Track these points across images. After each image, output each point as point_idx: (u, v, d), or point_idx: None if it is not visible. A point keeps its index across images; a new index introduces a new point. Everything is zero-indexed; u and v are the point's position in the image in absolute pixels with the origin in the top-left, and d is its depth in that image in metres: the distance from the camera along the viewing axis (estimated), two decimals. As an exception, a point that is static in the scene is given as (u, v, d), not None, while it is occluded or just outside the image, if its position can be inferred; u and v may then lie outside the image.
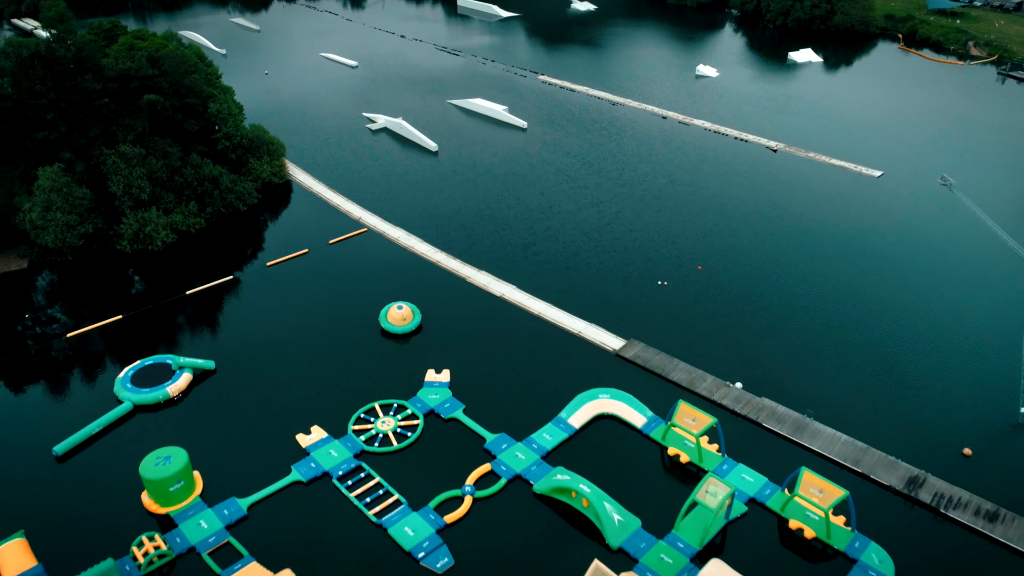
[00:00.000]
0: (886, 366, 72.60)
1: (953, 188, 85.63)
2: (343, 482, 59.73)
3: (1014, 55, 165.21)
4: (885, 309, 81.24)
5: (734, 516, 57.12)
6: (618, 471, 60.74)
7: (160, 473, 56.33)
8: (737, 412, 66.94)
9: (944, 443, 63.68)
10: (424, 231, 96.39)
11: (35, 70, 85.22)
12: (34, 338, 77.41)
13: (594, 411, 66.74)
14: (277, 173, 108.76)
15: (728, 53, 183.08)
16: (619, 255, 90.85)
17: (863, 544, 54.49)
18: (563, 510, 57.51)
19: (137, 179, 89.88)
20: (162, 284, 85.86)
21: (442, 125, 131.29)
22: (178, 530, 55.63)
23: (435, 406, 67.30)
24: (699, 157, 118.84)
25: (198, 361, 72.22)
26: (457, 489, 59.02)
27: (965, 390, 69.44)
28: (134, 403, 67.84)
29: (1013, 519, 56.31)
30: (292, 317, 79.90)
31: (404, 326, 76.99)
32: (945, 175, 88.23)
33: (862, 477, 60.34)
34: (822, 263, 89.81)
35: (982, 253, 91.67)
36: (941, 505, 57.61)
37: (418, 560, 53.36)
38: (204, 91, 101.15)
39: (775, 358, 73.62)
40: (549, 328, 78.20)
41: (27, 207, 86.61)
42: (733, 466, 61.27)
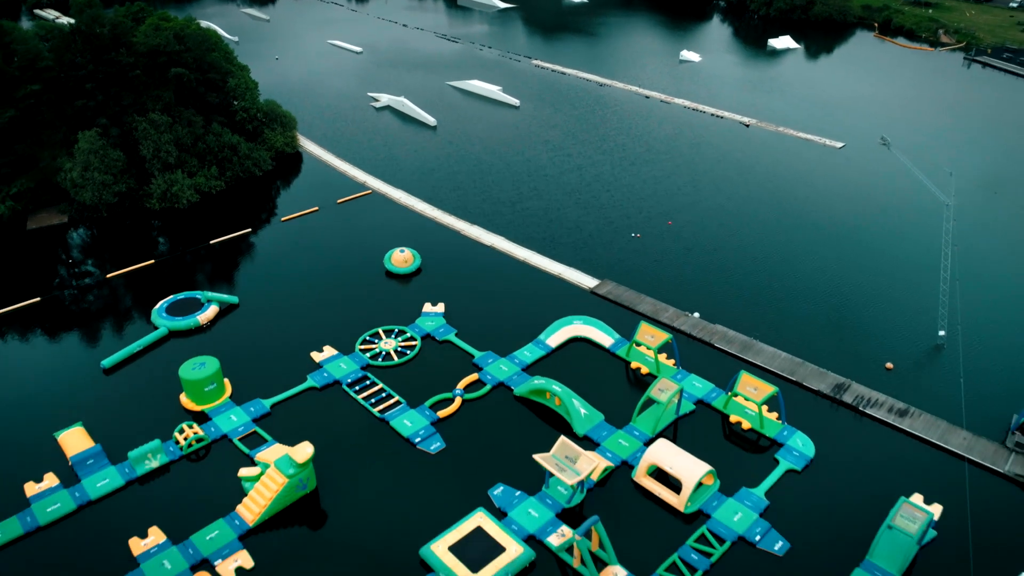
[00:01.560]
0: (825, 297, 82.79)
1: (891, 146, 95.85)
2: (351, 387, 69.88)
3: (981, 42, 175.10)
4: (829, 250, 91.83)
5: (683, 412, 67.17)
6: (587, 380, 70.65)
7: (196, 375, 66.48)
8: (693, 336, 77.03)
9: (870, 358, 73.69)
10: (423, 192, 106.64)
11: (76, 44, 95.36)
12: (77, 278, 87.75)
13: (569, 334, 76.88)
14: (289, 143, 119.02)
15: (712, 41, 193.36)
16: (597, 211, 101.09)
17: (790, 432, 64.55)
18: (538, 409, 67.57)
19: (165, 144, 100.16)
20: (188, 236, 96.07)
21: (441, 103, 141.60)
22: (212, 422, 65.78)
23: (431, 330, 77.49)
24: (676, 131, 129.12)
25: (224, 296, 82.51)
26: (448, 392, 69.15)
27: (892, 316, 79.56)
28: (169, 329, 78.05)
29: (920, 414, 66.32)
30: (305, 261, 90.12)
31: (406, 267, 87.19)
32: (884, 136, 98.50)
33: (796, 384, 70.35)
34: (779, 216, 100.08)
35: (911, 199, 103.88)
36: (861, 405, 67.63)
37: (415, 444, 63.47)
38: (224, 67, 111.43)
39: (731, 294, 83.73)
40: (532, 271, 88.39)
41: (68, 167, 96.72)
42: (686, 376, 71.34)
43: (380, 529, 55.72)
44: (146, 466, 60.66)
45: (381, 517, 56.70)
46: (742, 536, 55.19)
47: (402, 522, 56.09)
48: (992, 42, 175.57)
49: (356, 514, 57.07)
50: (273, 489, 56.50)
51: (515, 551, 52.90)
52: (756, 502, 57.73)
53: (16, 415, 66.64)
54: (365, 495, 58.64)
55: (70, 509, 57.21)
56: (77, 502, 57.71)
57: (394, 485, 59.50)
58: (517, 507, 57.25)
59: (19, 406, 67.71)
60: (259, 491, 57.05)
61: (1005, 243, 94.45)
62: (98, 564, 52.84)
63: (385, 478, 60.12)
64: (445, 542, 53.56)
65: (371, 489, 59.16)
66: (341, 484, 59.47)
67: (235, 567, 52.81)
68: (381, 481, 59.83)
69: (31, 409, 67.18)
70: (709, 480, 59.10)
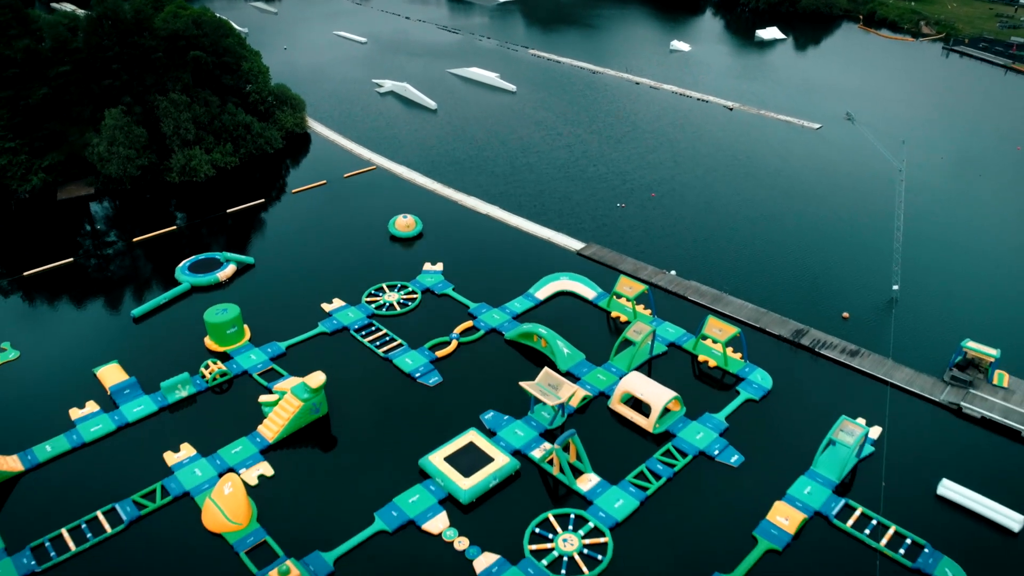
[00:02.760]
0: (791, 256, 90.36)
1: (855, 121, 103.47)
2: (358, 332, 77.53)
3: (960, 33, 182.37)
4: (796, 215, 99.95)
5: (657, 353, 74.75)
6: (571, 327, 78.14)
7: (219, 319, 74.10)
8: (669, 290, 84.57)
9: (829, 308, 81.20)
10: (424, 167, 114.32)
11: (103, 28, 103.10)
12: (106, 242, 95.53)
13: (555, 288, 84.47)
14: (299, 124, 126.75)
15: (702, 32, 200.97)
16: (584, 183, 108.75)
17: (751, 369, 72.05)
18: (526, 351, 75.16)
19: (184, 122, 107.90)
20: (206, 206, 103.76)
21: (441, 88, 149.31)
22: (233, 360, 73.47)
23: (430, 285, 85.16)
24: (661, 112, 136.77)
25: (241, 256, 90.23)
26: (446, 336, 76.78)
27: (851, 271, 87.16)
28: (191, 284, 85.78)
29: (870, 355, 73.78)
30: (315, 227, 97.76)
31: (408, 232, 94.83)
32: (849, 111, 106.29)
33: (759, 330, 77.86)
34: (752, 186, 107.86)
35: (871, 167, 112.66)
36: (817, 346, 75.15)
37: (415, 378, 71.14)
38: (237, 52, 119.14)
39: (706, 255, 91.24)
40: (524, 236, 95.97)
41: (95, 142, 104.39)
42: (660, 323, 78.88)
43: (383, 445, 63.31)
44: (176, 395, 68.30)
45: (384, 436, 64.30)
46: (703, 451, 62.73)
47: (403, 440, 63.61)
48: (970, 33, 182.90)
49: (362, 434, 64.67)
50: (290, 411, 64.11)
51: (502, 461, 60.44)
52: (717, 424, 65.28)
53: (57, 355, 74.40)
54: (370, 419, 66.23)
55: (110, 429, 64.84)
56: (116, 424, 65.34)
57: (396, 411, 67.08)
58: (505, 428, 64.84)
59: (59, 348, 75.48)
60: (277, 413, 64.68)
61: (950, 203, 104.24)
62: (137, 472, 60.41)
63: (388, 405, 67.72)
64: (441, 454, 61.12)
65: (375, 414, 66.77)
66: (349, 410, 67.09)
67: (257, 475, 60.46)
68: (385, 407, 67.44)
69: (70, 350, 74.93)
70: (676, 406, 66.63)
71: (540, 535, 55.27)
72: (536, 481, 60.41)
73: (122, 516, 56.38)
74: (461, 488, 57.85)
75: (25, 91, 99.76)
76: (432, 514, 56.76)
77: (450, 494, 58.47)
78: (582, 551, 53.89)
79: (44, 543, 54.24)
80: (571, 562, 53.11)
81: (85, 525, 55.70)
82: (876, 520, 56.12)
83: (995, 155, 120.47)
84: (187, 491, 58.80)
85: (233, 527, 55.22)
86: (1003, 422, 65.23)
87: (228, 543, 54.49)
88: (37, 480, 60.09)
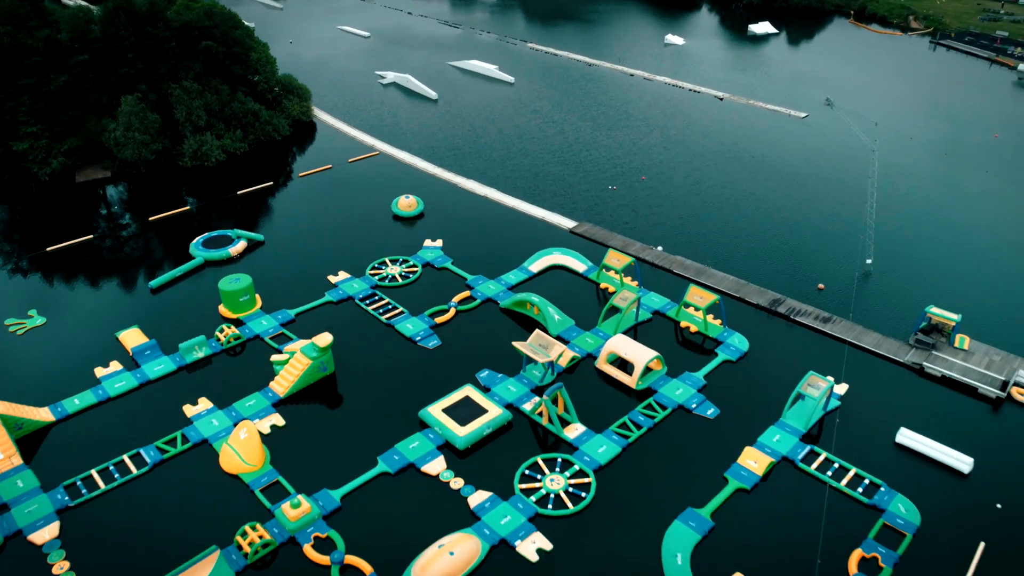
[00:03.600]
0: (772, 233, 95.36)
1: (834, 106, 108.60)
2: (363, 301, 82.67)
3: (947, 27, 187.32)
4: (778, 194, 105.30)
5: (642, 320, 79.83)
6: (562, 297, 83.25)
7: (233, 287, 79.26)
8: (655, 264, 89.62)
9: (805, 280, 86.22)
10: (425, 153, 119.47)
11: (120, 18, 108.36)
12: (123, 221, 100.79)
13: (548, 262, 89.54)
14: (305, 112, 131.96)
15: (697, 27, 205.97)
16: (578, 167, 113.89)
17: (730, 333, 77.15)
18: (520, 318, 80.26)
19: (196, 109, 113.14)
20: (217, 188, 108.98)
21: (442, 79, 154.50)
22: (246, 326, 78.66)
23: (430, 259, 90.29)
24: (653, 102, 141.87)
25: (251, 233, 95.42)
26: (444, 305, 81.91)
27: (828, 246, 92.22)
28: (205, 259, 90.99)
29: (841, 321, 78.81)
30: (321, 207, 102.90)
31: (410, 211, 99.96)
32: (828, 97, 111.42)
33: (739, 300, 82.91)
34: (738, 168, 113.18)
35: (849, 150, 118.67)
36: (792, 314, 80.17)
37: (416, 341, 76.27)
38: (247, 43, 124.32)
39: (691, 233, 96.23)
40: (519, 215, 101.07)
41: (111, 127, 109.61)
42: (646, 292, 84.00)
43: (386, 399, 68.44)
44: (194, 355, 73.49)
45: (387, 391, 69.43)
46: (681, 405, 67.83)
47: (404, 395, 68.70)
48: (957, 27, 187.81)
49: (366, 390, 69.80)
50: (299, 369, 69.29)
51: (496, 412, 65.54)
52: (695, 382, 70.35)
53: (80, 321, 79.65)
54: (374, 377, 71.35)
55: (133, 386, 70.03)
56: (139, 380, 70.52)
57: (398, 370, 72.22)
58: (499, 385, 69.98)
59: (82, 315, 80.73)
60: (288, 371, 69.87)
61: (920, 182, 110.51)
62: (158, 422, 65.60)
63: (390, 365, 72.87)
64: (439, 406, 66.24)
65: (379, 373, 71.92)
66: (354, 370, 72.20)
67: (270, 424, 65.66)
68: (387, 367, 72.60)
69: (93, 317, 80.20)
70: (657, 365, 71.69)
71: (529, 476, 60.39)
72: (527, 431, 65.54)
73: (146, 459, 61.56)
74: (457, 435, 62.98)
75: (46, 79, 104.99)
76: (431, 458, 61.90)
77: (447, 441, 63.56)
78: (567, 489, 58.99)
79: (76, 482, 59.45)
80: (557, 498, 58.21)
81: (113, 467, 60.90)
82: (838, 464, 61.20)
83: (972, 141, 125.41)
84: (205, 438, 63.99)
85: (248, 468, 60.38)
86: (961, 379, 70.27)
87: (244, 483, 59.61)
88: (67, 429, 65.33)
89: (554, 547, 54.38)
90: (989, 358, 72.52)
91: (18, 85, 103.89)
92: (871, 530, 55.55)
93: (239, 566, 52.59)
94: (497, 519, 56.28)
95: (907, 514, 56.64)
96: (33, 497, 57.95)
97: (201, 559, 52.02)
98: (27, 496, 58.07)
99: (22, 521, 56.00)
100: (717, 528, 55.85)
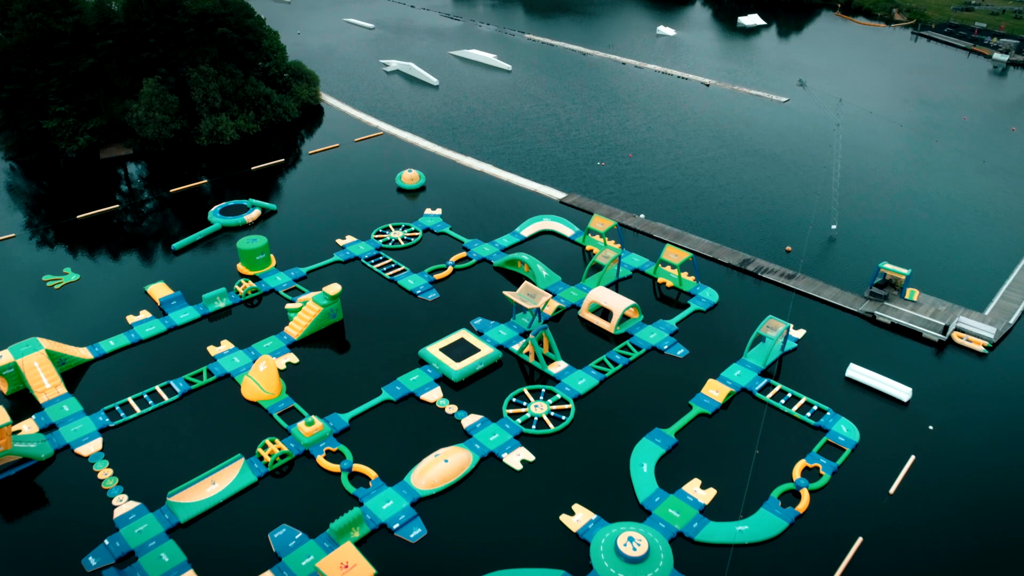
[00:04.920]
0: (745, 201, 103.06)
1: (806, 87, 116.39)
2: (368, 261, 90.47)
3: (929, 19, 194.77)
4: (754, 167, 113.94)
5: (623, 276, 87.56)
6: (550, 258, 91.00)
7: (250, 246, 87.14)
8: (638, 230, 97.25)
9: (775, 243, 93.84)
10: (426, 133, 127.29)
11: (142, 6, 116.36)
12: (146, 193, 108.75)
13: (539, 228, 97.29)
14: (313, 96, 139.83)
15: (689, 19, 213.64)
16: (569, 144, 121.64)
17: (702, 288, 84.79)
18: (512, 276, 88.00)
19: (212, 91, 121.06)
20: (232, 165, 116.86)
21: (443, 67, 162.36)
22: (262, 281, 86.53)
23: (430, 225, 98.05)
24: (642, 87, 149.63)
25: (265, 203, 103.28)
26: (442, 263, 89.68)
27: (796, 213, 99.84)
28: (223, 225, 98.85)
29: (804, 277, 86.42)
30: (330, 181, 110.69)
31: (413, 184, 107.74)
32: (801, 79, 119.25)
33: (712, 259, 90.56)
34: (717, 146, 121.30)
35: (815, 122, 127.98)
36: (760, 271, 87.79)
37: (416, 295, 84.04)
38: (259, 30, 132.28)
39: (672, 202, 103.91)
40: (513, 187, 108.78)
41: (134, 108, 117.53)
42: (627, 253, 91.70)
43: (389, 342, 76.20)
44: (216, 305, 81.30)
45: (390, 336, 77.14)
46: (654, 347, 75.54)
47: (405, 338, 76.43)
48: (938, 19, 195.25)
49: (371, 335, 77.54)
50: (311, 315, 77.06)
51: (487, 351, 73.32)
52: (668, 328, 78.01)
53: (112, 277, 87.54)
54: (378, 325, 79.07)
55: (161, 330, 77.84)
56: (166, 326, 78.39)
57: (400, 318, 79.97)
58: (491, 329, 77.73)
59: (113, 273, 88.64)
60: (301, 317, 77.66)
61: (881, 154, 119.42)
62: (185, 360, 73.35)
63: (393, 314, 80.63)
64: (437, 346, 73.98)
65: (382, 320, 79.67)
66: (360, 318, 79.97)
67: (285, 362, 73.47)
68: (390, 315, 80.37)
69: (122, 273, 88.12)
70: (634, 313, 79.34)
71: (516, 403, 68.14)
72: (515, 368, 73.27)
73: (176, 389, 69.40)
74: (453, 369, 70.74)
75: (74, 62, 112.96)
76: (428, 389, 69.67)
77: (444, 375, 71.31)
78: (549, 413, 66.73)
79: (115, 407, 67.30)
80: (540, 421, 65.94)
81: (147, 395, 68.74)
82: (791, 394, 68.84)
83: (942, 122, 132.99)
84: (228, 373, 71.79)
85: (267, 396, 68.18)
86: (908, 326, 77.86)
87: (263, 408, 67.41)
88: (104, 365, 73.20)
89: (536, 459, 62.06)
90: (935, 307, 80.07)
91: (48, 67, 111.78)
92: (815, 446, 63.18)
93: (260, 472, 60.34)
94: (487, 436, 64.03)
95: (848, 433, 64.27)
96: (78, 419, 65.82)
97: (228, 465, 59.90)
98: (72, 418, 65.95)
99: (69, 437, 63.88)
100: (680, 445, 63.52)
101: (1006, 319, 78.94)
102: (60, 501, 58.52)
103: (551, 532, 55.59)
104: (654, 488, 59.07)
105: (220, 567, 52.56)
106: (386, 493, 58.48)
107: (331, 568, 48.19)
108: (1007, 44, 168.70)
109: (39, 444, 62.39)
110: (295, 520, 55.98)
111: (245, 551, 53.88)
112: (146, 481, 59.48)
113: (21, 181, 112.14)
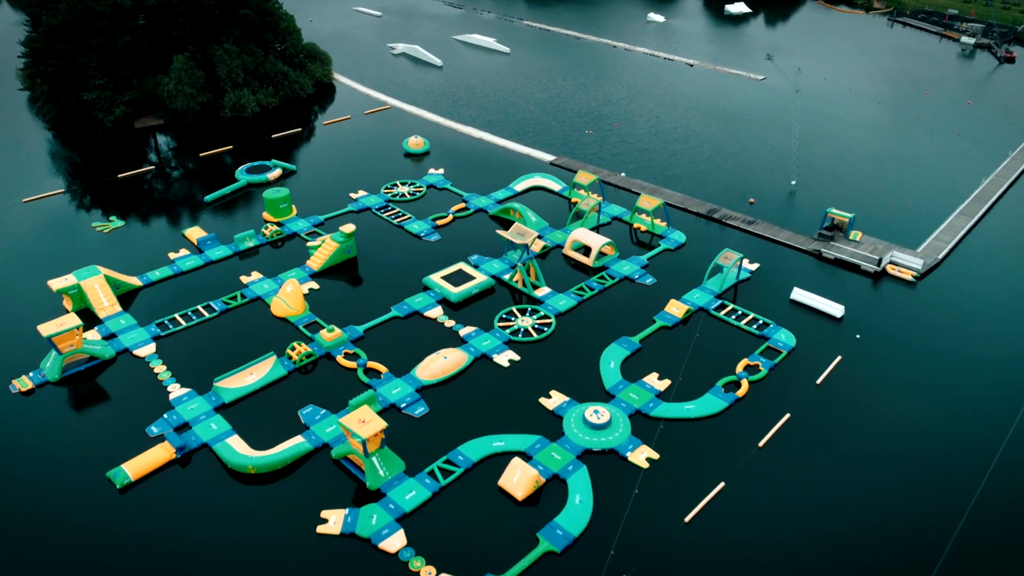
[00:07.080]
0: (715, 161, 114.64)
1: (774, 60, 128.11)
2: (378, 211, 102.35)
3: (906, 6, 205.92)
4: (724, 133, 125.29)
5: (603, 223, 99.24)
6: (540, 207, 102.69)
7: (275, 195, 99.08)
8: (618, 186, 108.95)
9: (739, 196, 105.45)
10: (429, 106, 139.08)
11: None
12: (178, 157, 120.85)
13: (530, 184, 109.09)
14: (326, 75, 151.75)
15: (678, 7, 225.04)
16: (559, 115, 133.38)
17: (672, 231, 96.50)
18: (505, 223, 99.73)
19: (235, 68, 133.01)
20: (254, 134, 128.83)
21: (446, 50, 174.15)
22: (285, 226, 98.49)
23: (433, 182, 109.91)
24: (628, 66, 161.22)
25: (285, 164, 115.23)
26: (443, 212, 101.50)
27: (756, 170, 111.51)
28: (248, 182, 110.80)
29: (763, 223, 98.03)
30: (343, 146, 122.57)
31: (418, 149, 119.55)
32: (769, 53, 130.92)
33: (682, 209, 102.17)
34: (693, 114, 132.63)
35: (780, 92, 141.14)
36: (724, 219, 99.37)
37: (421, 237, 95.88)
38: (276, 13, 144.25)
39: (650, 162, 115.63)
40: (508, 152, 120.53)
41: (165, 82, 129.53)
42: (608, 204, 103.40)
43: (396, 273, 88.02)
44: (246, 244, 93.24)
45: (397, 269, 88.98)
46: (627, 276, 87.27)
47: (410, 271, 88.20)
48: (914, 6, 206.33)
49: (382, 268, 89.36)
50: (329, 250, 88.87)
51: (482, 279, 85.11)
52: (640, 262, 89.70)
53: (153, 223, 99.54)
54: (388, 260, 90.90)
55: (198, 264, 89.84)
56: (203, 260, 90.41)
57: (405, 255, 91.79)
58: (485, 264, 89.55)
59: (154, 219, 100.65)
60: (320, 252, 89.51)
61: (836, 118, 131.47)
62: (220, 286, 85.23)
63: (399, 252, 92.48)
64: (438, 275, 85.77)
65: (391, 255, 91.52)
66: (371, 254, 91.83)
67: (308, 288, 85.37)
68: (397, 253, 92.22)
69: (162, 220, 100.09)
70: (610, 251, 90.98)
71: (505, 318, 79.92)
72: (505, 294, 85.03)
73: (215, 307, 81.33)
74: (452, 292, 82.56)
75: (112, 39, 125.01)
76: (431, 307, 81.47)
77: (444, 298, 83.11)
78: (534, 326, 78.50)
79: (164, 321, 79.24)
80: (525, 331, 77.68)
81: (191, 312, 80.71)
82: (741, 311, 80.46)
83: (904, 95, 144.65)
84: (259, 296, 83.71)
85: (293, 312, 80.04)
86: (848, 260, 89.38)
87: (290, 322, 79.29)
88: (152, 291, 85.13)
89: (522, 359, 73.84)
90: (875, 246, 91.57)
91: (89, 44, 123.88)
92: (757, 349, 74.85)
93: (290, 367, 72.24)
94: (480, 342, 75.80)
95: (786, 340, 75.85)
96: (133, 329, 77.80)
97: (262, 360, 71.82)
98: (129, 329, 77.89)
99: (128, 343, 75.84)
100: (643, 350, 75.22)
101: (935, 255, 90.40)
102: (123, 389, 70.42)
103: (531, 411, 67.33)
104: (618, 379, 70.77)
105: (259, 434, 64.38)
106: (395, 383, 70.27)
107: (351, 422, 59.90)
108: (974, 28, 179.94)
109: (103, 347, 74.38)
110: (319, 403, 67.83)
111: (279, 424, 65.75)
112: (195, 374, 71.36)
113: (63, 149, 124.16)
